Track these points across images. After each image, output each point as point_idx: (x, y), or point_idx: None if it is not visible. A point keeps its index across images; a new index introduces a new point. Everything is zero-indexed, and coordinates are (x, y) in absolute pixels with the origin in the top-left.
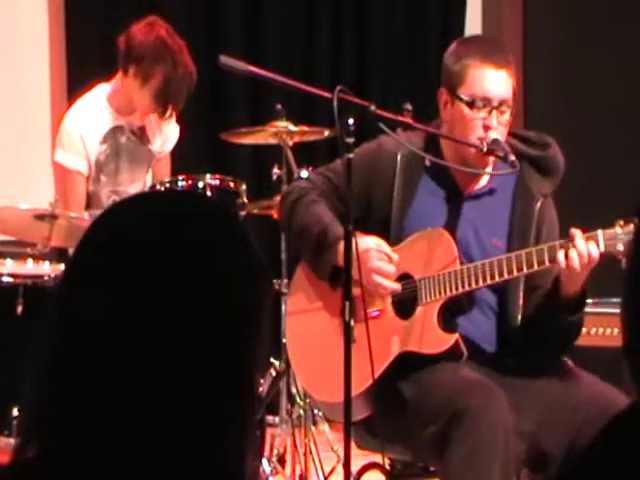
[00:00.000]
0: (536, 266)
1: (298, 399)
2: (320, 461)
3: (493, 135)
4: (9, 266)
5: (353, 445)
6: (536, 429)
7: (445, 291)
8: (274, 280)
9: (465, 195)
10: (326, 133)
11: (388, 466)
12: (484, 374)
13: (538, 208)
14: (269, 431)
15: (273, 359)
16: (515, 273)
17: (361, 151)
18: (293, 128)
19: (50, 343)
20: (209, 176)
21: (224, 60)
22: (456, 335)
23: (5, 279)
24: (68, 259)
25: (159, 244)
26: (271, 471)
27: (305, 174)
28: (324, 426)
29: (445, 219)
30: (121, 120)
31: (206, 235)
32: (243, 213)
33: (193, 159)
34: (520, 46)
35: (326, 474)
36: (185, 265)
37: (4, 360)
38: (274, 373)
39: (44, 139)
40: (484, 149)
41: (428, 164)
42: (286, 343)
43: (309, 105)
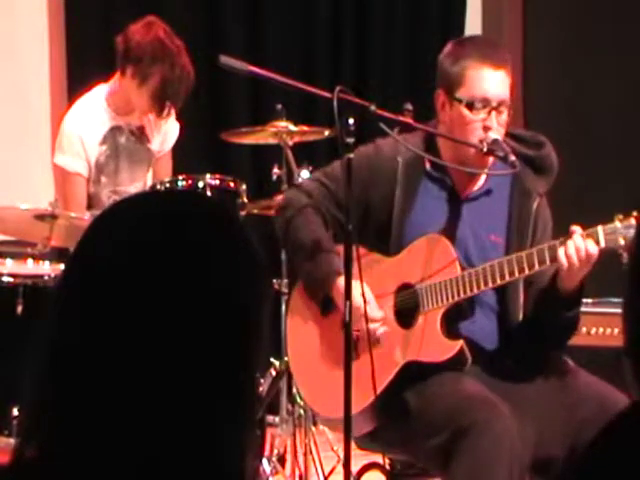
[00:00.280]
0: (537, 266)
1: (298, 399)
2: (320, 461)
3: (493, 135)
4: (9, 266)
5: (353, 445)
6: (538, 433)
7: (447, 298)
8: (274, 280)
9: (463, 197)
10: (326, 133)
11: (388, 466)
12: (485, 382)
13: (535, 207)
14: (269, 431)
15: (273, 359)
16: (517, 275)
17: (358, 155)
18: (293, 128)
19: (50, 343)
20: (209, 176)
21: (224, 60)
22: (461, 342)
23: (5, 279)
24: (68, 259)
25: (159, 244)
26: (271, 471)
27: (305, 174)
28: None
29: (445, 222)
30: (120, 120)
31: (206, 235)
32: (243, 213)
33: (193, 159)
34: (520, 46)
35: (326, 474)
36: (185, 265)
37: (4, 360)
38: (274, 373)
39: (44, 139)
40: (484, 149)
41: (428, 168)
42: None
43: (309, 105)
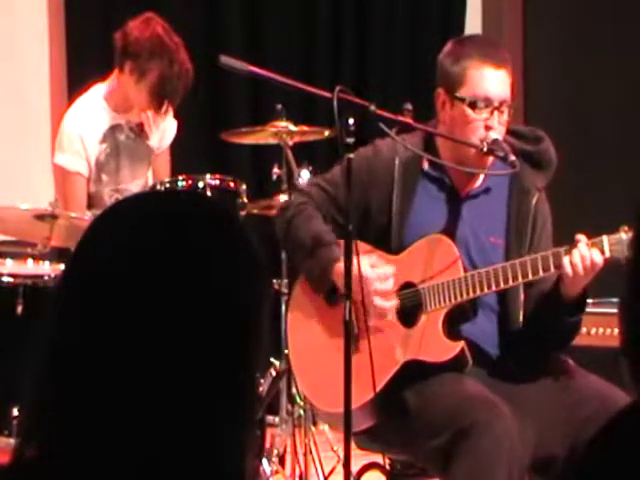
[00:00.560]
0: (541, 272)
1: (298, 399)
2: (320, 461)
3: (493, 135)
4: (9, 266)
5: (353, 445)
6: (539, 434)
7: (450, 299)
8: (274, 280)
9: (462, 196)
10: (326, 133)
11: (388, 466)
12: (486, 383)
13: (534, 203)
14: (269, 431)
15: (273, 359)
16: (520, 280)
17: (357, 158)
18: (293, 128)
19: (50, 343)
20: (209, 176)
21: (224, 60)
22: (462, 343)
23: (5, 279)
24: (68, 259)
25: (160, 244)
26: (271, 471)
27: (305, 174)
28: (324, 426)
29: (444, 222)
30: (119, 118)
31: (207, 235)
32: (243, 213)
33: (193, 159)
34: (520, 46)
35: (326, 474)
36: (185, 265)
37: (4, 360)
38: (274, 373)
39: (44, 139)
40: (484, 149)
41: (426, 168)
42: (289, 355)
43: (309, 105)
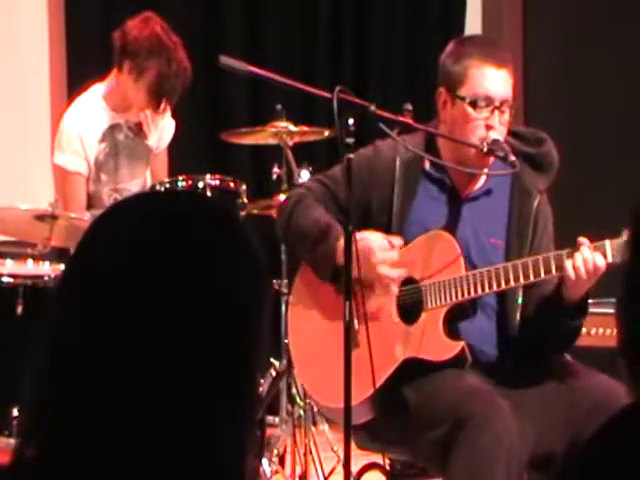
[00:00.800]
0: (543, 274)
1: (298, 399)
2: (320, 461)
3: (494, 135)
4: (9, 266)
5: (353, 445)
6: (538, 431)
7: (451, 297)
8: (274, 280)
9: (463, 197)
10: (326, 133)
11: (388, 466)
12: (485, 381)
13: (536, 205)
14: (269, 431)
15: (273, 359)
16: (521, 281)
17: (358, 158)
18: (293, 128)
19: (50, 343)
20: (209, 176)
21: (224, 60)
22: (462, 343)
23: (5, 279)
24: (68, 259)
25: (159, 244)
26: (271, 471)
27: (305, 174)
28: (324, 426)
29: (445, 222)
30: (118, 117)
31: (207, 235)
32: (243, 213)
33: (193, 159)
34: (520, 46)
35: (326, 474)
36: (185, 265)
37: (4, 360)
38: (274, 373)
39: (44, 139)
40: (484, 149)
41: (427, 168)
42: (289, 349)
43: (309, 105)
